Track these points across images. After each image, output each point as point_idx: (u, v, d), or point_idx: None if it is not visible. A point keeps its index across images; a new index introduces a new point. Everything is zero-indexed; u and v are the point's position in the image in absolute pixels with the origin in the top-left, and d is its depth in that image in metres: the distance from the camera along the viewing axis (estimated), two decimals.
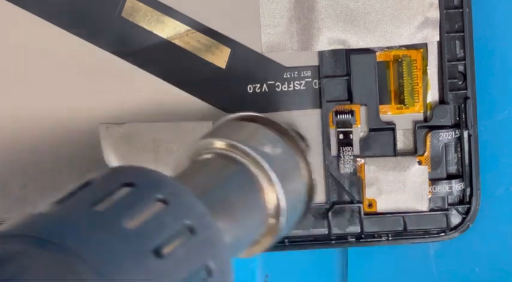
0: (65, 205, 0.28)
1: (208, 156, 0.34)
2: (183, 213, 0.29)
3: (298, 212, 0.35)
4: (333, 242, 0.44)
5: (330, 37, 0.42)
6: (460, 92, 0.43)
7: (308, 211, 0.36)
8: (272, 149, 0.34)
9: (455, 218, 0.44)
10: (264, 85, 0.43)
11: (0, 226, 0.27)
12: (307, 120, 0.43)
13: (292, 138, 0.36)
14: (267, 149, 0.34)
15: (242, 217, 0.32)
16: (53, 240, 0.25)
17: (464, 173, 0.43)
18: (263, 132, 0.36)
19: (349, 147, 0.43)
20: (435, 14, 0.42)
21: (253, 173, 0.33)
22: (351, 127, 0.43)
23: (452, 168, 0.44)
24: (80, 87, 0.44)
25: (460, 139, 0.43)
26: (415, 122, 0.43)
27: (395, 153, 0.43)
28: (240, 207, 0.33)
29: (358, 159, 0.43)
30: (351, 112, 0.43)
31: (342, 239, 0.44)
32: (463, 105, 0.43)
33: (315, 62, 0.43)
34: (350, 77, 0.43)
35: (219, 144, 0.34)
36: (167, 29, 0.43)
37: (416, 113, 0.43)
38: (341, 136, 0.43)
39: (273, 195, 0.33)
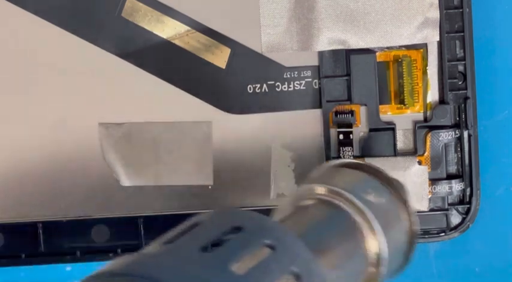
0: (173, 246, 0.28)
1: (311, 202, 0.34)
2: (290, 259, 0.29)
3: (398, 262, 0.35)
4: None
5: (330, 37, 0.42)
6: (460, 92, 0.43)
7: (408, 261, 0.36)
8: (376, 198, 0.35)
9: (455, 218, 0.44)
10: (264, 85, 0.43)
11: (108, 264, 0.27)
12: (307, 120, 0.43)
13: (396, 187, 0.36)
14: (371, 198, 0.34)
15: (343, 264, 0.33)
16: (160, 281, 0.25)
17: (464, 173, 0.43)
18: (367, 180, 0.36)
19: (349, 147, 0.43)
20: (435, 14, 0.42)
21: (356, 220, 0.33)
22: (351, 127, 0.43)
23: (452, 168, 0.44)
24: (80, 87, 0.44)
25: (460, 139, 0.43)
26: (415, 122, 0.43)
27: (395, 153, 0.43)
28: (341, 254, 0.33)
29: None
30: (351, 112, 0.43)
31: None
32: (463, 105, 0.43)
33: (315, 62, 0.43)
34: (350, 77, 0.43)
35: (322, 190, 0.34)
36: (167, 29, 0.43)
37: (416, 113, 0.43)
38: (341, 136, 0.43)
39: (375, 244, 0.33)
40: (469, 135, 0.43)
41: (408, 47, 0.43)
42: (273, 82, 0.43)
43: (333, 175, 0.36)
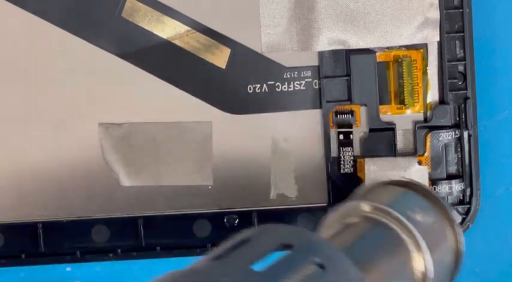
0: (222, 262, 0.28)
1: (357, 219, 0.35)
2: (340, 278, 0.29)
3: (444, 281, 0.35)
4: None
5: (330, 37, 0.42)
6: (460, 92, 0.43)
7: (453, 281, 0.36)
8: (423, 217, 0.35)
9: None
10: (264, 85, 0.43)
11: (156, 280, 0.26)
12: (307, 120, 0.43)
13: (443, 207, 0.36)
14: (418, 217, 0.35)
15: None
16: None
17: (464, 173, 0.43)
18: (414, 198, 0.36)
19: (349, 148, 0.43)
20: (435, 14, 0.42)
21: (403, 239, 0.34)
22: (351, 127, 0.43)
23: (452, 169, 0.44)
24: (80, 87, 0.44)
25: (460, 139, 0.43)
26: (415, 122, 0.43)
27: (395, 153, 0.43)
28: (388, 273, 0.33)
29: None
30: (351, 112, 0.43)
31: None
32: (463, 105, 0.43)
33: (315, 62, 0.43)
34: (350, 77, 0.43)
35: (369, 207, 0.35)
36: (167, 29, 0.43)
37: (416, 113, 0.43)
38: (341, 136, 0.43)
39: (421, 263, 0.34)
40: (469, 135, 0.43)
41: (408, 47, 0.43)
42: (273, 82, 0.43)
43: (379, 192, 0.36)
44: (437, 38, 0.42)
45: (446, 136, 0.43)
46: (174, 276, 0.27)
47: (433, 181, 0.43)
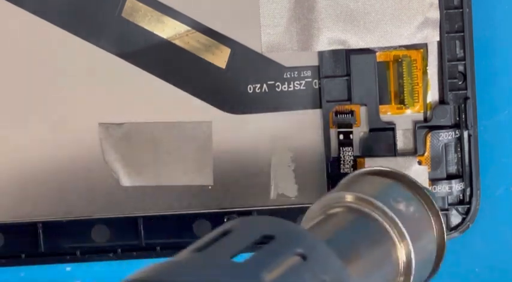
0: (204, 254, 0.28)
1: (340, 209, 0.35)
2: (321, 269, 0.29)
3: (426, 270, 0.35)
4: None
5: (330, 37, 0.42)
6: (460, 92, 0.43)
7: (436, 270, 0.36)
8: (405, 207, 0.35)
9: (455, 218, 0.44)
10: (264, 85, 0.43)
11: (139, 272, 0.27)
12: (307, 120, 0.43)
13: (427, 197, 0.36)
14: (401, 206, 0.34)
15: (372, 273, 0.33)
16: None
17: (464, 173, 0.43)
18: (397, 188, 0.36)
19: (349, 148, 0.43)
20: (435, 14, 0.42)
21: (386, 229, 0.34)
22: (351, 127, 0.43)
23: (452, 168, 0.44)
24: (80, 87, 0.44)
25: (460, 139, 0.43)
26: (415, 122, 0.43)
27: (395, 153, 0.43)
28: (370, 262, 0.33)
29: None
30: (351, 112, 0.43)
31: None
32: (463, 105, 0.43)
33: (315, 62, 0.43)
34: (350, 77, 0.43)
35: (351, 198, 0.35)
36: (167, 29, 0.43)
37: (416, 113, 0.43)
38: (341, 136, 0.43)
39: (404, 252, 0.34)
40: (469, 135, 0.43)
41: (408, 47, 0.43)
42: (273, 82, 0.43)
43: (362, 183, 0.36)
44: (437, 38, 0.42)
45: (446, 136, 0.43)
46: (156, 268, 0.27)
47: (433, 181, 0.43)
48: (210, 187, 0.44)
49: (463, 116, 0.43)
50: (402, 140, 0.44)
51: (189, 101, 0.43)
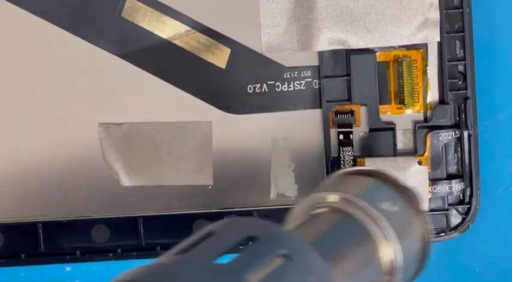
0: (187, 256, 0.28)
1: (324, 210, 0.34)
2: (305, 270, 0.29)
3: (412, 269, 0.35)
4: None
5: (330, 37, 0.42)
6: (460, 92, 0.43)
7: (422, 269, 0.36)
8: (389, 206, 0.34)
9: (455, 218, 0.44)
10: (264, 85, 0.43)
11: (123, 274, 0.26)
12: (307, 120, 0.43)
13: (409, 195, 0.36)
14: (384, 206, 0.34)
15: (357, 273, 0.32)
16: None
17: (464, 173, 0.43)
18: (380, 187, 0.36)
19: (349, 148, 0.43)
20: (435, 14, 0.42)
21: (369, 229, 0.33)
22: (351, 127, 0.43)
23: (452, 168, 0.44)
24: (80, 87, 0.44)
25: (460, 139, 0.43)
26: (415, 122, 0.43)
27: (395, 153, 0.43)
28: (355, 263, 0.33)
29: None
30: (351, 112, 0.43)
31: None
32: (463, 105, 0.43)
33: (315, 62, 0.43)
34: (350, 77, 0.43)
35: (335, 198, 0.34)
36: (167, 29, 0.43)
37: (416, 113, 0.43)
38: (341, 136, 0.43)
39: (389, 252, 0.33)
40: (469, 135, 0.43)
41: (408, 47, 0.43)
42: (273, 82, 0.43)
43: (345, 183, 0.36)
44: (438, 38, 0.42)
45: (446, 136, 0.43)
46: (139, 271, 0.26)
47: (433, 181, 0.43)
48: (210, 187, 0.44)
49: (463, 116, 0.43)
50: (402, 140, 0.44)
51: (189, 101, 0.43)
